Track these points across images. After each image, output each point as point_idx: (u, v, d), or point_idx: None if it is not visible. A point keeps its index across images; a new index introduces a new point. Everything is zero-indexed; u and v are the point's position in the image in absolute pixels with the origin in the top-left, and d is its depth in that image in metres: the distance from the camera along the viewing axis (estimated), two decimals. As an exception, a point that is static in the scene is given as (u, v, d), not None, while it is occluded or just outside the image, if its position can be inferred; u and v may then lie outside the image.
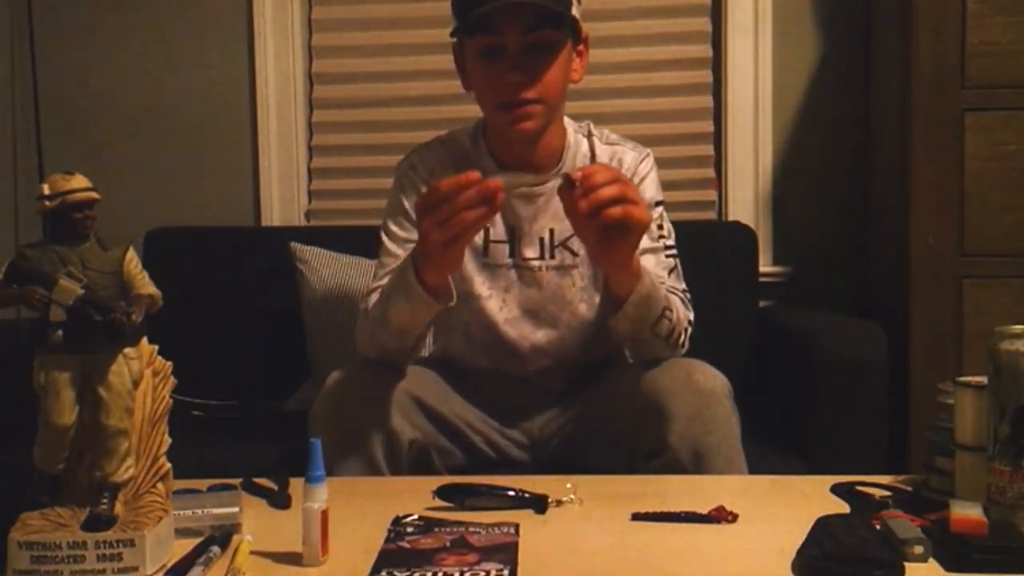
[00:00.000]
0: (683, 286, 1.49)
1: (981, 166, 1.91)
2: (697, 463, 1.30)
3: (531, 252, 1.48)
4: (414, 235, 1.35)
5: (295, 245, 2.20)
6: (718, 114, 2.46)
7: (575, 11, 1.39)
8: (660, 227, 1.49)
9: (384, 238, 1.51)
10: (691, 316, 1.45)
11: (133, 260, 0.98)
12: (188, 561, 0.93)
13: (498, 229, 1.48)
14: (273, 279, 2.24)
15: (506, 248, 1.48)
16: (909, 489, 1.18)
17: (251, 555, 0.96)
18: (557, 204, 1.43)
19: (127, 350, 0.95)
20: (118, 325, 0.92)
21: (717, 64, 2.45)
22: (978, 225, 1.91)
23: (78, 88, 2.57)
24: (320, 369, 2.14)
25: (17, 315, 1.13)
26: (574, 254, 1.48)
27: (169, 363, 1.00)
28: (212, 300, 2.26)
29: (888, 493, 1.17)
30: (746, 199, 2.42)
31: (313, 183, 2.58)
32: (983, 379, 1.05)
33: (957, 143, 1.91)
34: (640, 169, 1.51)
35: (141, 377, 0.96)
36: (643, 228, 1.23)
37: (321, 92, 2.56)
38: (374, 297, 1.42)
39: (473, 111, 1.51)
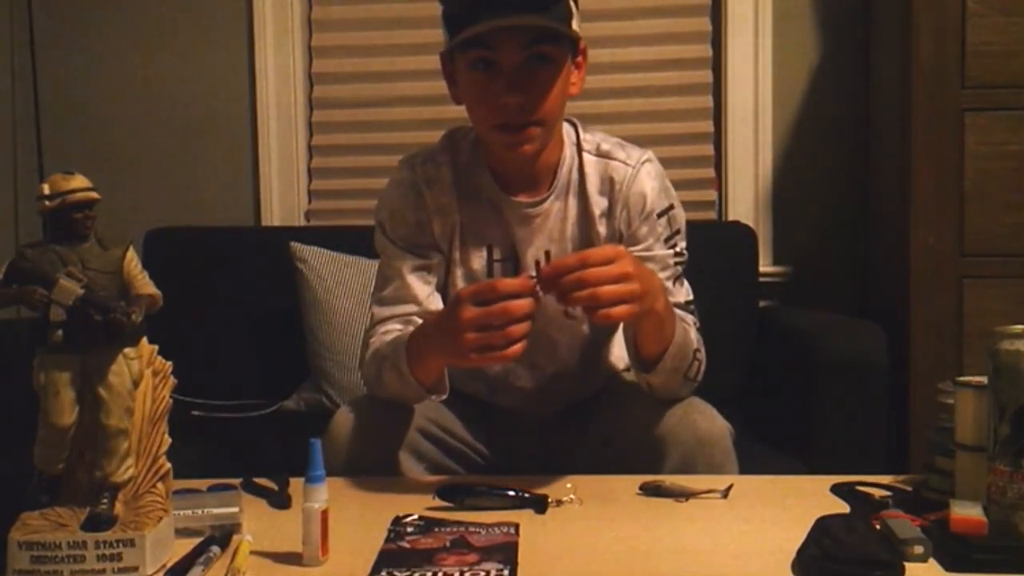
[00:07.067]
0: (687, 296, 1.39)
1: (981, 166, 1.91)
2: None
3: (530, 275, 1.41)
4: (413, 249, 1.36)
5: (295, 245, 2.20)
6: (718, 114, 2.46)
7: (575, 24, 1.29)
8: (673, 235, 1.38)
9: (384, 243, 1.41)
10: (702, 340, 1.35)
11: (133, 260, 0.98)
12: (188, 561, 0.93)
13: (500, 250, 1.40)
14: (273, 279, 2.24)
15: (511, 268, 1.40)
16: (909, 489, 1.18)
17: (251, 555, 0.96)
18: (552, 224, 1.39)
19: (127, 350, 0.95)
20: (118, 325, 0.92)
21: (717, 64, 2.45)
22: (978, 225, 1.91)
23: (78, 88, 2.57)
24: (319, 369, 2.14)
25: (17, 315, 1.13)
26: None
27: (169, 363, 1.00)
28: (212, 300, 2.26)
29: (888, 493, 1.16)
30: (746, 199, 2.42)
31: (313, 183, 2.58)
32: (983, 379, 1.05)
33: (957, 143, 1.91)
34: (634, 187, 1.37)
35: (141, 377, 0.96)
36: (643, 301, 1.14)
37: (321, 92, 2.56)
38: (376, 339, 1.35)
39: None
